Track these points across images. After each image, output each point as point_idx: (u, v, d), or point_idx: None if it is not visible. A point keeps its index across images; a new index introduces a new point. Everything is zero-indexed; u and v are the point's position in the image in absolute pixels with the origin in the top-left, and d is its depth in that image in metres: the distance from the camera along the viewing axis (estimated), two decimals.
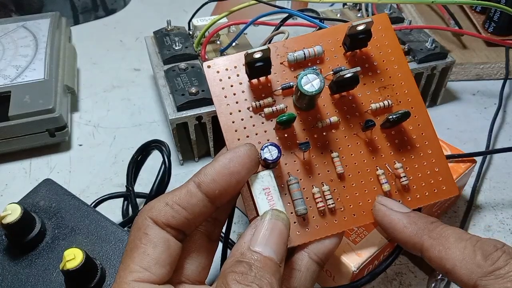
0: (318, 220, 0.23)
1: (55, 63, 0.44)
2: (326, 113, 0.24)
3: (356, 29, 0.23)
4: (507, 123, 0.44)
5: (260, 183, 0.21)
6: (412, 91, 0.24)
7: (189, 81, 0.38)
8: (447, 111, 0.45)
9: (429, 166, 0.23)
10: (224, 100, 0.24)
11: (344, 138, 0.24)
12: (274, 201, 0.21)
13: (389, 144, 0.24)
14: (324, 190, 0.23)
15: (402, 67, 0.24)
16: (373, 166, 0.23)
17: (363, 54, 0.25)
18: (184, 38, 0.43)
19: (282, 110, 0.23)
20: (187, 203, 0.20)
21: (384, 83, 0.24)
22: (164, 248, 0.20)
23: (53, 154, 0.41)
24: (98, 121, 0.45)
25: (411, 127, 0.24)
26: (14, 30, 0.48)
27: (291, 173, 0.23)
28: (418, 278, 0.31)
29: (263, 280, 0.18)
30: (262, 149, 0.21)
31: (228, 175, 0.20)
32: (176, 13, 0.62)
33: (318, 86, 0.21)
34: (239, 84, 0.24)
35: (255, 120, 0.23)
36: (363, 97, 0.24)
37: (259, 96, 0.24)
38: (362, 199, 0.23)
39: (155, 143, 0.34)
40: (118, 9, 0.63)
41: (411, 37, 0.43)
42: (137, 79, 0.50)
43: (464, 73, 0.49)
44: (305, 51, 0.24)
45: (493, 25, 0.50)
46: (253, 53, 0.22)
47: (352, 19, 0.48)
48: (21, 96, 0.40)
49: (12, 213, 0.26)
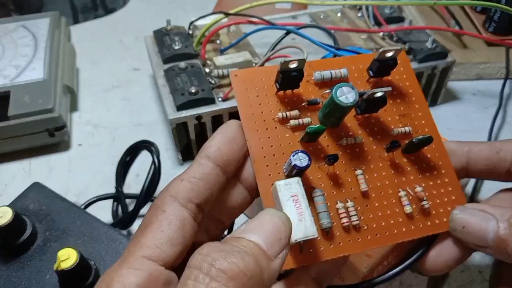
0: (342, 236, 0.22)
1: (54, 63, 0.44)
2: (350, 133, 0.24)
3: (385, 55, 0.24)
4: (507, 123, 0.44)
5: (288, 190, 0.21)
6: (429, 122, 0.25)
7: (188, 80, 0.38)
8: (448, 111, 0.45)
9: (446, 194, 0.24)
10: (250, 109, 0.23)
11: (367, 159, 0.24)
12: (303, 209, 0.20)
13: (409, 168, 0.24)
14: (349, 206, 0.22)
15: (419, 99, 0.26)
16: (395, 188, 0.24)
17: (384, 83, 0.25)
18: (184, 38, 0.43)
19: (308, 123, 0.24)
20: (202, 173, 0.21)
21: (403, 112, 0.25)
22: (179, 227, 0.19)
23: (53, 154, 0.41)
24: (97, 120, 0.45)
25: (429, 155, 0.24)
26: (14, 30, 0.48)
27: (315, 187, 0.23)
28: (418, 279, 0.31)
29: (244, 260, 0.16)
30: (292, 155, 0.21)
31: (229, 142, 0.22)
32: (176, 13, 0.62)
33: (353, 99, 0.22)
34: (265, 95, 0.24)
35: (280, 131, 0.23)
36: (385, 122, 0.25)
37: (285, 108, 0.24)
38: (385, 219, 0.23)
39: (144, 144, 0.34)
40: (117, 9, 0.63)
41: (412, 37, 0.43)
42: (136, 79, 0.50)
43: (465, 73, 0.49)
44: (332, 72, 0.24)
45: (494, 25, 0.50)
46: (289, 62, 0.22)
47: (352, 19, 0.48)
48: (21, 96, 0.40)
49: (3, 216, 0.26)
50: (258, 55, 0.43)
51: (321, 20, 0.48)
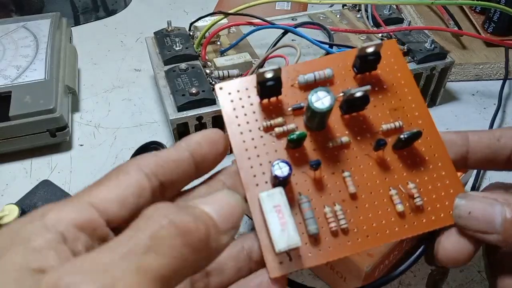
0: (331, 240, 0.22)
1: (55, 64, 0.44)
2: (337, 134, 0.24)
3: (366, 51, 0.23)
4: (506, 123, 0.44)
5: (270, 201, 0.21)
6: (422, 113, 0.24)
7: (189, 81, 0.38)
8: (447, 112, 0.46)
9: (444, 188, 0.23)
10: (235, 120, 0.24)
11: (356, 159, 0.23)
12: (285, 219, 0.20)
13: (401, 165, 0.23)
14: (336, 210, 0.22)
15: (412, 90, 0.24)
16: (386, 186, 0.23)
17: (373, 77, 0.25)
18: (185, 39, 0.44)
19: (292, 129, 0.23)
20: (176, 156, 0.20)
21: (394, 105, 0.24)
22: (136, 193, 0.18)
23: (54, 154, 0.42)
24: (98, 121, 0.45)
25: (423, 149, 0.24)
26: (15, 31, 0.49)
27: (302, 193, 0.23)
28: (417, 278, 0.31)
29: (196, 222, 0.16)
30: (272, 166, 0.21)
31: (210, 143, 0.21)
32: (177, 14, 0.62)
33: (329, 103, 0.21)
34: (250, 105, 0.24)
35: (265, 140, 0.23)
36: (374, 119, 0.24)
37: (270, 116, 0.24)
38: (376, 220, 0.22)
39: (154, 145, 0.34)
40: (118, 10, 0.63)
41: (411, 38, 0.44)
42: (137, 80, 0.51)
43: (464, 73, 0.49)
44: (315, 73, 0.24)
45: (493, 26, 0.50)
46: (264, 73, 0.22)
47: (351, 20, 0.49)
48: (22, 96, 0.40)
49: (9, 213, 0.26)
50: (258, 56, 0.43)
51: (321, 21, 0.48)
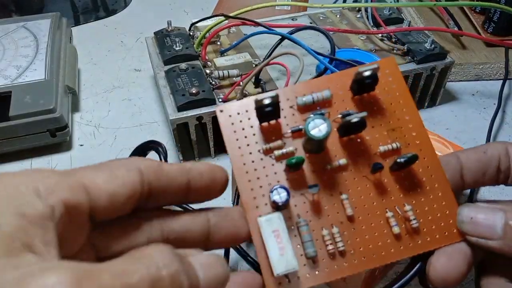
0: (328, 262, 0.23)
1: (55, 64, 0.44)
2: (335, 156, 0.24)
3: (362, 75, 0.23)
4: (506, 123, 0.44)
5: (269, 225, 0.22)
6: (420, 133, 0.24)
7: (189, 81, 0.38)
8: (447, 112, 0.46)
9: (440, 209, 0.23)
10: (236, 143, 0.24)
11: (354, 180, 0.24)
12: (284, 244, 0.21)
13: (398, 186, 0.24)
14: (334, 232, 0.23)
15: (410, 110, 0.25)
16: (383, 208, 0.23)
17: (371, 98, 0.25)
18: (185, 39, 0.44)
19: (291, 152, 0.24)
20: (175, 175, 0.20)
21: (392, 126, 0.24)
22: (128, 193, 0.18)
23: (54, 154, 0.42)
24: (99, 121, 0.45)
25: (420, 169, 0.24)
26: (15, 31, 0.49)
27: (300, 214, 0.23)
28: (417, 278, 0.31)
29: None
30: (271, 191, 0.22)
31: (211, 179, 0.21)
32: (177, 14, 0.62)
33: (326, 131, 0.22)
34: (250, 127, 0.24)
35: (265, 162, 0.24)
36: (372, 140, 0.24)
37: (270, 138, 0.24)
38: (372, 242, 0.23)
39: (152, 144, 0.34)
40: (118, 10, 0.63)
41: (411, 38, 0.44)
42: (137, 80, 0.51)
43: (464, 73, 0.49)
44: (314, 95, 0.24)
45: (493, 26, 0.50)
46: (262, 100, 0.23)
47: (351, 21, 0.49)
48: (22, 96, 0.40)
49: None
50: (258, 56, 0.43)
51: (321, 21, 0.48)
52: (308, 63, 0.40)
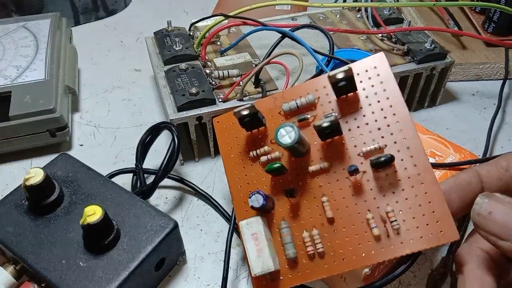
0: (308, 264, 0.23)
1: (55, 64, 0.44)
2: (319, 158, 0.24)
3: (336, 78, 0.23)
4: (506, 123, 0.44)
5: (249, 229, 0.23)
6: (408, 130, 0.23)
7: (189, 81, 0.38)
8: (447, 112, 0.46)
9: (425, 208, 0.22)
10: (229, 151, 0.26)
11: (336, 182, 0.24)
12: (261, 246, 0.22)
13: (381, 186, 0.23)
14: (314, 234, 0.23)
15: (398, 106, 0.24)
16: (364, 209, 0.23)
17: (355, 97, 0.25)
18: (185, 39, 0.44)
19: (277, 158, 0.25)
20: None
21: (378, 124, 0.24)
22: None
23: (54, 154, 0.41)
24: (98, 121, 0.45)
25: (405, 168, 0.23)
26: (15, 30, 0.49)
27: (285, 217, 0.24)
28: (417, 278, 0.31)
29: None
30: (249, 197, 0.23)
31: None
32: (177, 14, 0.62)
33: (293, 139, 0.22)
34: (241, 135, 0.26)
35: (254, 168, 0.25)
36: (356, 140, 0.24)
37: (258, 145, 0.26)
38: (353, 243, 0.23)
39: (164, 124, 0.35)
40: (118, 10, 0.63)
41: (410, 38, 0.44)
42: (137, 80, 0.51)
43: (464, 73, 0.49)
44: (297, 101, 0.25)
45: (493, 26, 0.50)
46: (240, 111, 0.24)
47: (351, 20, 0.49)
48: (22, 96, 0.40)
49: (35, 175, 0.28)
50: (258, 56, 0.43)
51: (321, 21, 0.48)
52: (308, 62, 0.40)
